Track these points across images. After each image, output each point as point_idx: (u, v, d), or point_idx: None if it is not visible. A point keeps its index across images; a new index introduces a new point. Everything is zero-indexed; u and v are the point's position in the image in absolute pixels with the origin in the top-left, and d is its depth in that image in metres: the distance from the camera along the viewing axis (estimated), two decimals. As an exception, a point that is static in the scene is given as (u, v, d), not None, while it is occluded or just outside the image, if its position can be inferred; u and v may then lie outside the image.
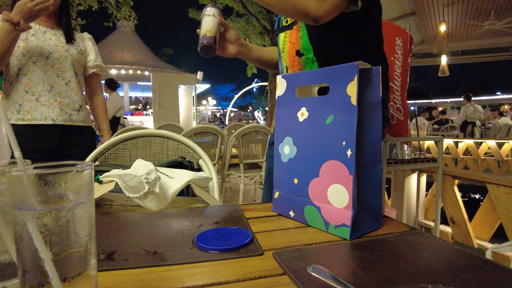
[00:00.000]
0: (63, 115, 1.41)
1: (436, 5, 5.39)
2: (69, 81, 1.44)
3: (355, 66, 0.51)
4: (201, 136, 3.08)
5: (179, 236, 0.52)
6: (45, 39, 1.40)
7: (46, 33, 1.43)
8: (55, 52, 1.41)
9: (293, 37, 0.94)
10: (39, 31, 1.41)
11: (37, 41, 1.38)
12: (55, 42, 1.43)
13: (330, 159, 0.54)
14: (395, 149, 2.05)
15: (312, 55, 0.92)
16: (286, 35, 0.97)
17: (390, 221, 0.60)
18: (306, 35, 0.91)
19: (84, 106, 1.52)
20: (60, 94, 1.41)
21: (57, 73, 1.42)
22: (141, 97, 23.44)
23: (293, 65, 0.96)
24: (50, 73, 1.40)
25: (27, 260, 0.28)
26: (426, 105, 22.75)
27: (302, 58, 0.94)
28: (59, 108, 1.40)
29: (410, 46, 2.11)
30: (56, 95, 1.40)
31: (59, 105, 1.40)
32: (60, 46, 1.43)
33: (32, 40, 1.37)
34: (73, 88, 1.45)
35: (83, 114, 1.50)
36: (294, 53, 0.95)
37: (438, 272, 0.39)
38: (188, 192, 0.85)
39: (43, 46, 1.38)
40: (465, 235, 2.26)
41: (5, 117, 0.32)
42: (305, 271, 0.38)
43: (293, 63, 0.96)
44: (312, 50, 0.91)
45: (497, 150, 4.97)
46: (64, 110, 1.42)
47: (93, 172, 0.32)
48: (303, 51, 0.93)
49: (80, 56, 1.49)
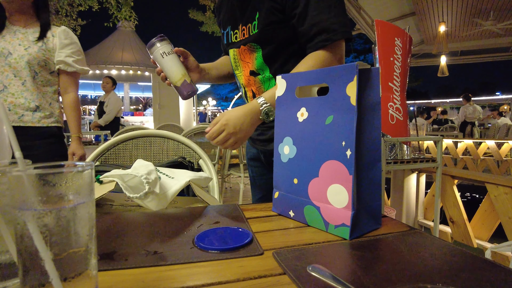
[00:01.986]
0: (12, 116, 1.37)
1: (436, 5, 5.40)
2: (25, 81, 1.40)
3: (354, 67, 0.51)
4: (201, 136, 3.08)
5: (179, 236, 0.52)
6: (12, 39, 1.39)
7: (17, 32, 1.41)
8: (14, 52, 1.39)
9: (247, 57, 0.93)
10: (11, 31, 1.41)
11: (3, 42, 1.38)
12: (20, 41, 1.40)
13: (330, 159, 0.54)
14: (395, 149, 2.05)
15: (268, 74, 0.91)
16: (235, 52, 0.96)
17: (389, 221, 0.60)
18: (260, 57, 0.90)
19: (44, 106, 1.45)
20: (14, 94, 1.38)
21: (14, 72, 1.39)
22: (142, 97, 23.43)
23: (249, 84, 0.95)
24: (8, 73, 1.38)
25: (28, 260, 0.28)
26: (425, 105, 22.76)
27: (258, 77, 0.93)
28: (7, 108, 1.36)
29: (410, 47, 2.11)
30: (8, 96, 1.38)
31: (9, 105, 1.37)
32: (23, 46, 1.40)
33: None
34: (28, 88, 1.41)
35: (41, 114, 1.43)
36: (249, 73, 0.94)
37: (438, 272, 0.39)
38: (188, 192, 0.85)
39: (5, 46, 1.38)
40: (464, 235, 2.26)
41: (6, 117, 0.32)
42: (305, 271, 0.38)
43: (249, 82, 0.95)
44: (269, 69, 0.91)
45: (496, 150, 4.97)
46: (14, 110, 1.38)
47: (93, 172, 0.32)
48: (259, 71, 0.92)
49: (43, 53, 1.43)
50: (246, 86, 0.97)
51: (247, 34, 0.90)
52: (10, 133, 0.30)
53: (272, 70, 0.91)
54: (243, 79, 0.97)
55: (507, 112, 12.43)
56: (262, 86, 0.93)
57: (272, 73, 0.91)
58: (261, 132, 1.01)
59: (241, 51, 0.94)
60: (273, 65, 0.90)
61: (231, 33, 0.97)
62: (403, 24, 5.82)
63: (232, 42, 0.96)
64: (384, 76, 2.03)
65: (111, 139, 1.13)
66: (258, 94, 0.93)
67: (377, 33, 2.07)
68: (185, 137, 1.17)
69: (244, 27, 0.91)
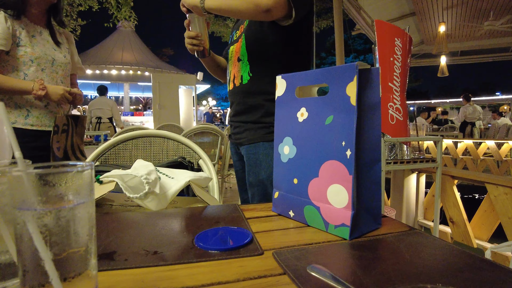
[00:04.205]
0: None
1: (436, 5, 5.40)
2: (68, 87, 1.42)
3: (354, 67, 0.51)
4: (201, 136, 3.08)
5: (179, 236, 0.52)
6: (44, 42, 1.38)
7: (42, 33, 1.39)
8: (57, 58, 1.40)
9: (237, 47, 1.12)
10: (35, 31, 1.36)
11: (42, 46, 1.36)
12: (53, 47, 1.41)
13: (330, 159, 0.54)
14: (395, 149, 2.05)
15: (246, 60, 1.08)
16: (234, 47, 1.14)
17: (389, 221, 0.60)
18: (244, 45, 1.08)
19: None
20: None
21: (61, 79, 1.43)
22: (142, 97, 23.44)
23: (234, 69, 1.13)
24: (57, 80, 1.40)
25: (28, 260, 0.28)
26: (425, 105, 22.76)
27: (239, 62, 1.10)
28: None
29: (410, 47, 2.11)
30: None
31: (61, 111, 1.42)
32: (58, 51, 1.42)
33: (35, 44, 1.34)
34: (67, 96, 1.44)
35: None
36: (236, 59, 1.12)
37: (437, 272, 0.39)
38: (188, 192, 0.85)
39: (46, 52, 1.37)
40: (464, 235, 2.26)
41: (6, 117, 0.32)
42: (305, 271, 0.38)
43: (234, 67, 1.13)
44: (247, 55, 1.08)
45: (496, 150, 4.97)
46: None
47: (93, 172, 0.32)
48: (241, 57, 1.10)
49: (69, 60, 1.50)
50: (231, 71, 1.15)
51: (242, 30, 1.11)
52: (10, 133, 0.30)
53: (249, 57, 1.07)
54: (232, 66, 1.15)
55: (507, 112, 12.43)
56: (240, 70, 1.11)
57: (248, 60, 1.07)
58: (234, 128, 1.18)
59: (236, 45, 1.12)
60: (251, 53, 1.07)
61: (234, 33, 1.18)
62: (403, 24, 5.82)
63: (234, 40, 1.14)
64: (384, 76, 2.03)
65: (111, 139, 1.13)
66: (237, 78, 1.11)
67: (377, 33, 2.07)
68: (185, 137, 1.17)
69: (242, 25, 1.13)
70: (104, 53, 16.64)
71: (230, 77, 1.17)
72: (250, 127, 1.09)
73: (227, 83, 1.20)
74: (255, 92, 1.06)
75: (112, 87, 18.46)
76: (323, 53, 33.60)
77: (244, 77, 1.09)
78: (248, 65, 1.07)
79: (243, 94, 1.10)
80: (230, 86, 1.16)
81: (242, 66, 1.09)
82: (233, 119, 1.17)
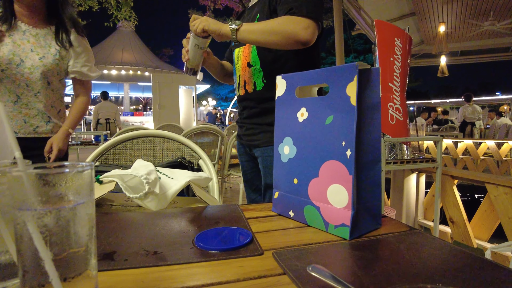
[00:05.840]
0: (27, 128, 1.32)
1: (436, 5, 5.40)
2: (38, 92, 1.33)
3: (354, 67, 0.51)
4: (201, 136, 3.08)
5: (179, 236, 0.52)
6: (22, 41, 1.28)
7: (26, 33, 1.29)
8: (27, 60, 1.29)
9: (246, 51, 1.11)
10: (19, 29, 1.28)
11: (12, 45, 1.26)
12: (32, 46, 1.29)
13: (330, 159, 0.54)
14: (395, 149, 2.05)
15: (259, 66, 1.08)
16: (240, 50, 1.14)
17: (389, 221, 0.60)
18: (255, 50, 1.09)
19: (54, 115, 1.41)
20: (28, 105, 1.31)
21: (27, 83, 1.30)
22: (141, 97, 23.45)
23: (244, 74, 1.13)
24: (19, 83, 1.29)
25: (28, 260, 0.28)
26: (425, 105, 22.76)
27: (251, 68, 1.10)
28: (23, 120, 1.31)
29: (410, 47, 2.11)
30: (23, 107, 1.30)
31: (24, 117, 1.31)
32: (36, 53, 1.30)
33: (6, 44, 1.25)
34: (41, 100, 1.34)
35: (53, 124, 1.39)
36: (246, 65, 1.11)
37: (438, 272, 0.39)
38: (188, 192, 0.85)
39: (15, 51, 1.26)
40: (464, 235, 2.26)
41: (6, 117, 0.32)
42: (305, 271, 0.38)
43: (244, 72, 1.13)
44: (259, 62, 1.08)
45: (496, 150, 4.97)
46: (30, 122, 1.32)
47: (93, 172, 0.32)
48: (252, 63, 1.10)
49: (57, 64, 1.36)
50: (241, 77, 1.14)
51: None
52: (10, 133, 0.30)
53: (262, 64, 1.08)
54: (240, 71, 1.14)
55: (506, 112, 12.43)
56: (252, 77, 1.11)
57: (261, 67, 1.08)
58: (246, 129, 1.19)
59: (244, 48, 1.12)
60: (264, 60, 1.07)
61: None
62: (403, 24, 5.82)
63: (238, 43, 1.12)
64: (384, 76, 2.03)
65: (111, 139, 1.13)
66: (249, 83, 1.12)
67: (377, 33, 2.07)
68: (185, 137, 1.17)
69: None
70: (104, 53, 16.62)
71: (239, 83, 1.15)
72: (265, 129, 1.10)
73: (236, 88, 1.18)
74: (270, 98, 1.05)
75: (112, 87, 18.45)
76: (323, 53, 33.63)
77: (258, 84, 1.09)
78: (262, 72, 1.07)
79: (257, 100, 1.11)
80: (241, 92, 1.14)
81: (255, 72, 1.09)
82: (246, 121, 1.17)
